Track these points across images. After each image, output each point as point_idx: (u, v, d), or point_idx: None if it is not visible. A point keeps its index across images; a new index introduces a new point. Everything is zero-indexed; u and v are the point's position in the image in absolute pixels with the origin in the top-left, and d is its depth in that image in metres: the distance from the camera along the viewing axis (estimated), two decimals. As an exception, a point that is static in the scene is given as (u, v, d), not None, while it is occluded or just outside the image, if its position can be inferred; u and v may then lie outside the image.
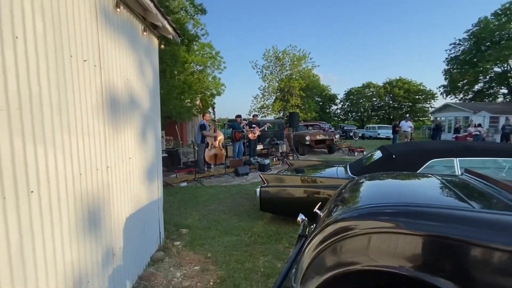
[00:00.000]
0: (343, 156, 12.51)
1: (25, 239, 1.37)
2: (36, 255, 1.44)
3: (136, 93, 2.76)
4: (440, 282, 1.08)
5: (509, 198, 1.28)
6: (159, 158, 3.43)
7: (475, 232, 1.07)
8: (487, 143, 3.63)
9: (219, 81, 18.10)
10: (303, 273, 1.42)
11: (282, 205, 4.12)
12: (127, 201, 2.58)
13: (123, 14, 2.49)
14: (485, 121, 19.73)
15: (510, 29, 26.28)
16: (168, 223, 4.14)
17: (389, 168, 3.59)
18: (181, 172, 7.79)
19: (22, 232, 1.36)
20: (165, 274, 2.84)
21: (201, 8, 12.88)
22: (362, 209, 1.45)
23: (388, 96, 38.58)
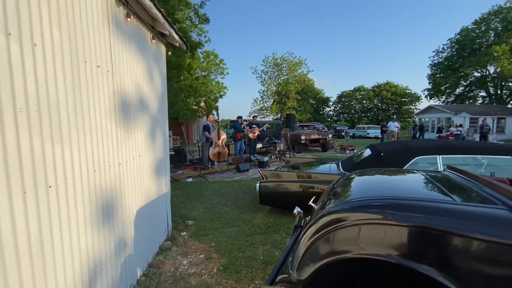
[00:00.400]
0: (335, 154, 12.50)
1: (44, 230, 1.37)
2: (54, 245, 1.44)
3: (146, 96, 2.75)
4: (423, 268, 1.08)
5: (487, 192, 1.28)
6: (167, 155, 3.42)
7: (456, 223, 1.06)
8: (467, 142, 3.62)
9: (222, 85, 18.07)
10: (299, 261, 1.42)
11: (280, 198, 4.12)
12: (138, 195, 2.58)
13: (133, 23, 2.47)
14: (466, 122, 19.72)
15: (488, 37, 26.26)
16: (175, 215, 4.14)
17: (377, 165, 3.58)
18: (187, 169, 7.78)
19: (42, 224, 1.36)
20: (173, 262, 2.84)
21: (204, 18, 12.81)
22: (353, 202, 1.45)
23: (376, 99, 38.54)
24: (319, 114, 40.30)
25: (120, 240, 2.21)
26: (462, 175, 1.66)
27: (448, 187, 1.45)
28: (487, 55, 24.73)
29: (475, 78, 28.31)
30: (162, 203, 3.25)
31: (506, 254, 0.98)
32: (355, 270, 1.41)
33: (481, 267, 1.01)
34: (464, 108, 22.07)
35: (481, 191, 1.32)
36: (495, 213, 1.08)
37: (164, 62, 3.33)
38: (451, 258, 1.05)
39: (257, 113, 31.02)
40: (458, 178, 1.63)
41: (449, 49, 29.78)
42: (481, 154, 3.40)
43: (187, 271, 2.65)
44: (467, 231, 1.03)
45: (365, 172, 2.06)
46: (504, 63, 23.97)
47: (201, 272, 2.62)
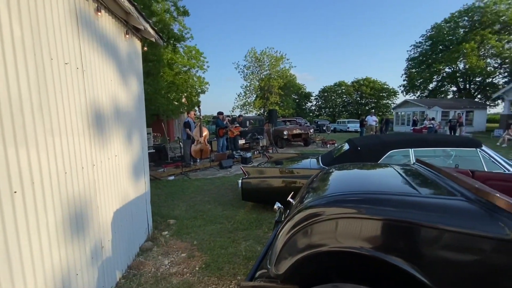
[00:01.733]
0: (317, 148, 12.75)
1: (10, 238, 1.30)
2: (22, 252, 1.37)
3: (120, 93, 2.65)
4: (392, 259, 1.13)
5: (448, 184, 1.36)
6: (145, 154, 3.34)
7: (420, 215, 1.13)
8: (437, 135, 3.83)
9: (203, 80, 17.78)
10: (277, 255, 1.44)
11: (262, 194, 4.16)
12: (115, 196, 2.50)
13: (104, 18, 2.36)
14: (438, 115, 20.78)
15: (458, 35, 27.66)
16: (157, 214, 4.06)
17: (355, 159, 3.71)
18: (169, 167, 7.64)
19: (7, 232, 1.29)
20: (154, 262, 2.80)
21: (184, 10, 12.46)
22: (329, 197, 1.49)
23: (356, 94, 39.58)
24: (301, 109, 40.79)
25: (97, 243, 2.14)
26: (428, 168, 1.75)
27: (415, 180, 1.53)
28: (457, 52, 26.08)
29: (447, 73, 29.81)
30: (141, 203, 3.18)
31: (464, 243, 1.06)
32: (331, 263, 1.45)
33: (442, 256, 1.08)
34: (436, 102, 23.22)
35: (444, 183, 1.41)
36: (454, 204, 1.16)
37: (139, 58, 3.22)
38: (416, 248, 1.12)
39: (240, 109, 30.93)
40: (425, 171, 1.73)
41: (424, 45, 31.10)
42: (449, 146, 3.62)
43: (169, 271, 2.63)
44: (429, 222, 1.10)
45: (341, 167, 2.12)
46: (472, 59, 25.40)
47: (183, 271, 2.61)
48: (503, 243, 1.00)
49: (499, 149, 10.88)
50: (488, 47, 25.74)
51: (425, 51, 30.77)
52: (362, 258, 1.23)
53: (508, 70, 25.70)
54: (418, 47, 31.79)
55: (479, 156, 3.35)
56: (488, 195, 1.10)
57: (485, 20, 25.32)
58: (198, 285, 2.38)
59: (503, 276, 1.01)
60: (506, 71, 26.09)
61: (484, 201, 1.12)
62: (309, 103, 44.10)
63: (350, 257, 1.35)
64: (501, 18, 24.72)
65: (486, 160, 3.32)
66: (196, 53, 17.87)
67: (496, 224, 1.02)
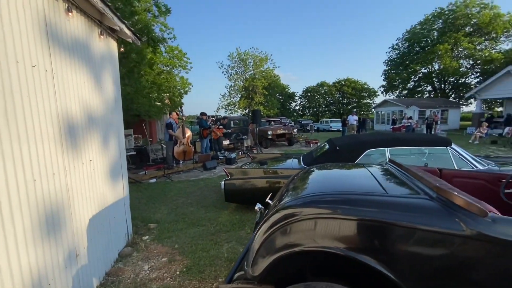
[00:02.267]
0: (301, 148, 12.92)
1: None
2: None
3: (95, 95, 2.58)
4: (362, 257, 1.19)
5: (415, 183, 1.44)
6: (123, 158, 3.26)
7: (386, 214, 1.19)
8: (410, 134, 4.00)
9: (186, 80, 17.56)
10: (254, 256, 1.47)
11: (244, 195, 4.18)
12: (91, 201, 2.43)
13: (76, 19, 2.29)
14: (415, 114, 21.67)
15: (433, 37, 28.99)
16: (137, 218, 3.98)
17: (334, 158, 3.81)
18: (150, 169, 7.49)
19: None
20: (133, 268, 2.75)
21: (165, 9, 12.22)
22: (305, 197, 1.52)
23: (338, 94, 40.47)
24: (286, 109, 41.17)
25: (71, 251, 2.07)
26: (398, 168, 1.84)
27: (384, 180, 1.60)
28: (432, 53, 27.33)
29: (423, 74, 31.17)
30: (119, 208, 3.10)
31: (427, 239, 1.12)
32: (306, 263, 1.49)
33: (407, 253, 1.14)
34: (414, 102, 24.19)
35: (411, 182, 1.49)
36: (417, 203, 1.23)
37: (115, 59, 3.14)
38: (383, 246, 1.17)
39: (225, 109, 30.76)
40: (395, 171, 1.82)
41: (401, 47, 32.37)
42: (421, 145, 3.80)
43: (149, 276, 2.58)
44: (395, 221, 1.16)
45: (317, 168, 2.18)
46: (446, 60, 26.70)
47: (163, 276, 2.57)
48: (460, 238, 1.07)
49: (471, 146, 11.52)
50: (461, 49, 27.16)
51: (403, 52, 32.03)
52: (335, 257, 1.27)
53: (480, 71, 27.24)
54: (396, 49, 33.04)
55: (449, 154, 3.55)
56: (447, 194, 1.18)
57: (457, 23, 26.69)
58: (179, 289, 2.37)
59: (462, 269, 1.09)
60: (478, 71, 27.65)
61: (444, 199, 1.19)
62: (294, 103, 44.63)
63: (324, 256, 1.40)
64: (472, 21, 26.15)
65: (456, 158, 3.52)
66: (179, 53, 17.62)
67: (453, 220, 1.09)
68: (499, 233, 1.03)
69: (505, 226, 1.05)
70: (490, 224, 1.05)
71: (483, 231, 1.04)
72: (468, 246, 1.07)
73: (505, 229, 1.04)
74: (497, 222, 1.06)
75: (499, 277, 1.06)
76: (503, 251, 1.04)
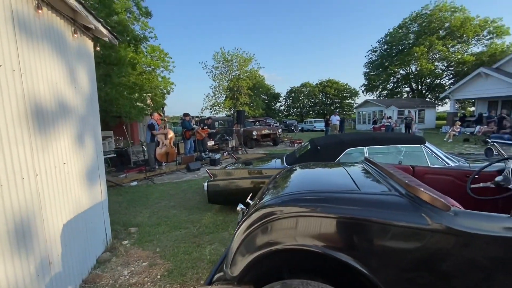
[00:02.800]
0: (285, 147, 13.05)
1: None
2: None
3: (68, 97, 2.48)
4: (337, 254, 1.22)
5: (387, 181, 1.50)
6: (101, 160, 3.15)
7: (359, 211, 1.23)
8: (387, 134, 4.15)
9: (169, 80, 17.26)
10: (233, 256, 1.46)
11: (227, 196, 4.16)
12: (65, 206, 2.33)
13: (47, 16, 2.20)
14: (394, 114, 22.49)
15: (410, 40, 30.25)
16: (116, 223, 3.87)
17: (315, 158, 3.89)
18: (131, 172, 7.29)
19: None
20: (112, 274, 2.66)
21: (146, 11, 11.96)
22: (284, 196, 1.54)
23: (321, 94, 41.25)
24: (271, 109, 41.43)
25: (43, 259, 1.98)
26: (373, 166, 1.91)
27: (359, 178, 1.66)
28: (410, 55, 28.51)
29: (401, 75, 32.45)
30: (97, 213, 3.00)
31: (397, 234, 1.17)
32: (284, 262, 1.51)
33: (379, 248, 1.19)
34: (393, 102, 25.10)
35: (383, 180, 1.55)
36: (388, 199, 1.28)
37: (91, 58, 3.04)
38: (356, 242, 1.22)
39: (209, 109, 30.49)
40: (370, 169, 1.88)
41: (380, 49, 33.52)
42: (397, 144, 3.95)
43: (128, 281, 2.52)
44: (367, 217, 1.20)
45: (297, 167, 2.22)
46: (422, 62, 27.94)
47: (144, 281, 2.52)
48: (426, 232, 1.13)
49: (446, 144, 12.12)
50: (436, 51, 28.51)
51: (382, 55, 33.20)
52: (312, 254, 1.30)
53: (453, 73, 28.71)
54: (375, 51, 34.19)
55: (423, 152, 3.71)
56: (415, 190, 1.24)
57: (432, 27, 28.00)
58: (160, 294, 2.32)
59: (430, 261, 1.14)
60: (452, 73, 29.13)
61: (412, 195, 1.25)
62: (279, 103, 45.01)
63: (302, 254, 1.42)
64: (446, 25, 27.52)
65: (429, 155, 3.69)
66: (161, 54, 17.29)
67: (419, 215, 1.15)
68: (461, 225, 1.10)
69: (466, 219, 1.12)
70: (452, 218, 1.12)
71: (447, 224, 1.11)
72: (434, 239, 1.13)
73: (466, 222, 1.11)
74: (458, 215, 1.12)
75: (465, 267, 1.13)
76: (465, 243, 1.11)
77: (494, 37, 25.95)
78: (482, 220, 1.12)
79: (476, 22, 26.13)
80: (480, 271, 1.11)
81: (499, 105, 17.72)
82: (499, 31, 25.39)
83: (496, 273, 1.11)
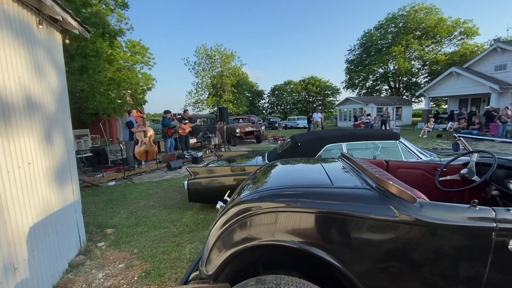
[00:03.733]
0: (269, 144, 13.11)
1: None
2: None
3: (34, 91, 2.33)
4: (316, 250, 1.22)
5: (359, 175, 1.54)
6: (72, 159, 3.00)
7: (332, 205, 1.24)
8: (365, 130, 4.26)
9: (150, 76, 16.76)
10: (208, 254, 1.44)
11: (208, 194, 4.11)
12: (31, 208, 2.20)
13: (7, 6, 2.04)
14: (373, 111, 23.23)
15: (388, 40, 31.29)
16: (91, 225, 3.71)
17: (296, 154, 3.93)
18: (109, 171, 7.02)
19: None
20: (85, 278, 2.55)
21: (122, 2, 11.51)
22: (261, 192, 1.52)
23: (304, 92, 41.78)
24: (255, 107, 41.46)
25: (7, 264, 1.86)
26: (348, 161, 1.95)
27: (334, 173, 1.68)
28: (388, 54, 29.51)
29: (380, 73, 33.53)
30: (69, 214, 2.85)
31: (367, 226, 1.20)
32: (260, 258, 1.50)
33: (351, 240, 1.21)
34: (372, 100, 25.91)
35: (356, 174, 1.59)
36: (359, 193, 1.31)
37: (60, 51, 2.86)
38: (328, 235, 1.23)
39: (193, 107, 29.97)
40: (345, 164, 1.92)
41: (359, 48, 34.42)
42: (375, 140, 4.07)
43: (103, 285, 2.42)
44: (338, 210, 1.22)
45: (274, 164, 2.22)
46: (399, 61, 29.02)
47: (119, 283, 2.43)
48: (394, 223, 1.17)
49: (421, 139, 12.68)
50: (412, 51, 29.69)
51: (360, 54, 34.14)
52: (287, 249, 1.30)
53: (428, 71, 30.05)
54: (354, 51, 35.09)
55: (398, 147, 3.85)
56: (384, 183, 1.27)
57: (408, 27, 29.10)
58: (136, 296, 2.25)
59: (400, 251, 1.18)
60: (427, 72, 30.48)
61: (382, 189, 1.29)
62: (263, 101, 45.09)
63: (277, 249, 1.42)
64: (421, 25, 28.70)
65: (404, 150, 3.84)
66: (141, 49, 16.75)
67: (388, 207, 1.18)
68: (426, 216, 1.14)
69: (431, 210, 1.16)
70: (418, 209, 1.16)
71: (413, 216, 1.14)
72: (402, 230, 1.16)
73: (431, 213, 1.15)
74: (424, 206, 1.17)
75: (432, 256, 1.17)
76: (431, 233, 1.15)
77: (465, 38, 27.41)
78: (445, 210, 1.16)
79: (449, 23, 27.45)
80: (447, 259, 1.16)
81: (469, 102, 18.80)
82: (469, 32, 26.84)
83: (461, 261, 1.16)
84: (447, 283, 1.18)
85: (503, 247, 1.12)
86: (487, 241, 1.12)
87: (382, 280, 1.21)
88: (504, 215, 1.13)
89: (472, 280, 1.16)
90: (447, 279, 1.17)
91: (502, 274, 1.15)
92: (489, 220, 1.12)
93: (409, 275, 1.19)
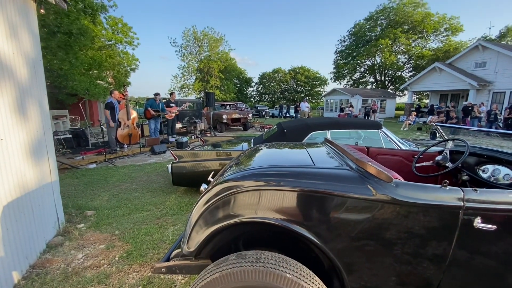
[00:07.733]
0: (255, 132, 13.12)
1: None
2: None
3: (5, 55, 2.17)
4: (297, 227, 1.26)
5: (341, 158, 1.58)
6: (49, 137, 2.87)
7: (313, 184, 1.28)
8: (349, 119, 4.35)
9: (133, 56, 16.04)
10: (190, 231, 1.45)
11: (192, 178, 4.09)
12: (4, 186, 2.10)
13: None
14: (359, 103, 23.66)
15: (376, 32, 31.54)
16: (71, 206, 3.62)
17: (282, 140, 3.95)
18: (89, 154, 6.80)
19: None
20: (64, 258, 2.51)
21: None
22: (244, 171, 1.54)
23: (293, 81, 41.67)
24: (243, 94, 40.97)
25: (-22, 243, 1.79)
26: (331, 146, 1.99)
27: (317, 156, 1.72)
28: (375, 47, 29.82)
29: (367, 65, 33.94)
30: (46, 194, 2.76)
31: (346, 205, 1.24)
32: (241, 235, 1.53)
33: (330, 218, 1.25)
34: (358, 91, 26.30)
35: (338, 157, 1.63)
36: (339, 173, 1.35)
37: (34, 19, 2.67)
38: (308, 213, 1.27)
39: (178, 91, 29.22)
40: (327, 148, 1.96)
41: (349, 39, 34.53)
42: (358, 128, 4.17)
43: (82, 265, 2.39)
44: (318, 189, 1.25)
45: (258, 147, 2.24)
46: (386, 54, 29.43)
47: (100, 263, 2.41)
48: (371, 202, 1.22)
49: (402, 132, 13.13)
50: (399, 44, 30.13)
51: (350, 44, 34.27)
52: (267, 226, 1.33)
53: (413, 66, 30.72)
54: (344, 41, 35.17)
55: (379, 136, 3.97)
56: (363, 164, 1.32)
57: (397, 20, 29.39)
58: (117, 275, 2.25)
59: (377, 229, 1.23)
60: (412, 66, 31.16)
61: (361, 170, 1.33)
62: (251, 88, 44.61)
63: (258, 226, 1.45)
64: (410, 19, 29.05)
65: (385, 139, 3.97)
66: (123, 27, 15.91)
67: (366, 187, 1.23)
68: (401, 195, 1.20)
69: (406, 189, 1.22)
70: (394, 188, 1.21)
71: (389, 194, 1.20)
72: (378, 208, 1.22)
73: (405, 192, 1.21)
74: (399, 186, 1.22)
75: (405, 234, 1.23)
76: (405, 211, 1.22)
77: (450, 34, 28.10)
78: (418, 190, 1.23)
79: (435, 18, 27.96)
80: (418, 237, 1.23)
81: (448, 97, 19.53)
82: (453, 28, 27.51)
83: (430, 239, 1.23)
84: (416, 259, 1.25)
85: (469, 225, 1.20)
86: (455, 219, 1.20)
87: (358, 257, 1.27)
88: (471, 195, 1.21)
89: (439, 256, 1.24)
90: (416, 256, 1.25)
91: (465, 251, 1.24)
92: (457, 200, 1.20)
93: (383, 252, 1.26)
